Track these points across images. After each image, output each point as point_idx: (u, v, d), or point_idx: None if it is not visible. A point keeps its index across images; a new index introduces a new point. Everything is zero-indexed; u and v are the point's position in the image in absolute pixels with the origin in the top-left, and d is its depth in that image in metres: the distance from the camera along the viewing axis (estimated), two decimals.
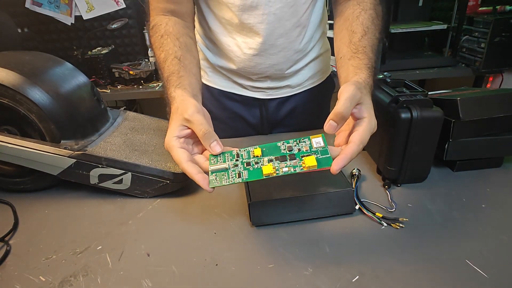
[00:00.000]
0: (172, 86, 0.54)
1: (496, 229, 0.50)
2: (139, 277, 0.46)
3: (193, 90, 0.55)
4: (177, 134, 0.48)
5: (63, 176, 0.62)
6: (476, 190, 0.59)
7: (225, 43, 0.74)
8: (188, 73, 0.57)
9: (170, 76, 0.55)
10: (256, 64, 0.74)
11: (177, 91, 0.53)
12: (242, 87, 0.82)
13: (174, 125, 0.48)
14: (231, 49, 0.74)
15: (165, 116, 0.84)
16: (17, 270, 0.49)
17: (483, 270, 0.43)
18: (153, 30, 0.65)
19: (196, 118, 0.47)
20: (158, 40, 0.62)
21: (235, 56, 0.74)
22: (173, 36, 0.61)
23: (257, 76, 0.78)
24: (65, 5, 1.72)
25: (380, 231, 0.51)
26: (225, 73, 0.81)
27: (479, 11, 1.59)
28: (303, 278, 0.44)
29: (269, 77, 0.79)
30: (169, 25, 0.63)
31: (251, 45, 0.72)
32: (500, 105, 0.59)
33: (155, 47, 0.63)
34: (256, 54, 0.72)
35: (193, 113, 0.47)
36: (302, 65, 0.80)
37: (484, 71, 1.55)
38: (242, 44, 0.72)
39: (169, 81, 0.55)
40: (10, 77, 0.58)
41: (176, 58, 0.58)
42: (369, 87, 0.50)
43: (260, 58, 0.73)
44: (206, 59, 0.82)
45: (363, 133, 0.44)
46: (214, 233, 0.53)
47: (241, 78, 0.80)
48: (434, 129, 0.56)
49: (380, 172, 0.64)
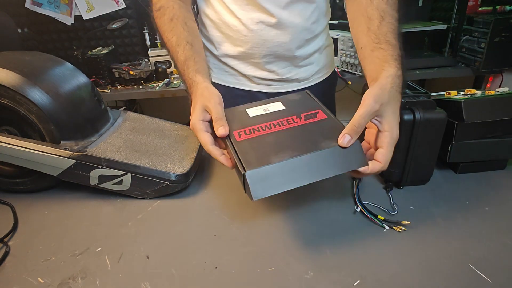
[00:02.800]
0: (192, 71, 0.59)
1: (500, 232, 0.50)
2: (138, 279, 0.46)
3: (208, 76, 0.61)
4: (202, 118, 0.53)
5: (63, 177, 0.61)
6: (480, 193, 0.58)
7: (232, 24, 0.74)
8: (201, 58, 0.62)
9: (187, 60, 0.61)
10: (264, 41, 0.74)
11: (197, 77, 0.58)
12: (249, 80, 0.82)
13: (199, 109, 0.54)
14: (237, 29, 0.74)
15: (165, 116, 0.84)
16: (16, 272, 0.48)
17: (486, 275, 0.43)
18: (160, 12, 0.66)
19: (216, 110, 0.53)
20: (168, 23, 0.65)
21: (242, 36, 0.74)
22: (182, 20, 0.65)
23: (265, 59, 0.77)
24: (65, 5, 1.72)
25: (382, 234, 0.51)
26: (231, 64, 0.81)
27: (479, 11, 1.59)
28: (303, 282, 0.44)
29: (277, 61, 0.78)
30: (176, 8, 0.66)
31: (257, 20, 0.72)
32: (504, 108, 0.58)
33: (165, 29, 0.65)
34: (263, 29, 0.73)
35: (215, 105, 0.53)
36: (312, 51, 0.80)
37: (484, 71, 1.55)
38: (248, 21, 0.72)
39: (187, 65, 0.60)
40: (10, 78, 0.58)
41: (188, 44, 0.62)
42: (398, 81, 0.49)
43: (268, 34, 0.73)
44: (211, 54, 0.82)
45: (387, 153, 0.46)
46: (214, 235, 0.53)
47: (249, 66, 0.80)
48: (437, 131, 0.55)
49: (382, 174, 0.63)
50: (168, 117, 0.83)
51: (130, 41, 1.82)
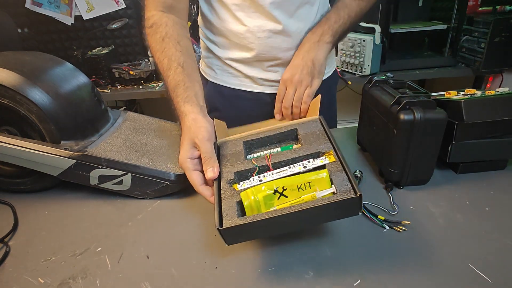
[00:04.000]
0: (181, 100, 0.57)
1: (500, 232, 0.50)
2: (139, 279, 0.46)
3: (199, 101, 0.59)
4: (190, 155, 0.52)
5: (63, 177, 0.61)
6: (480, 193, 0.58)
7: (238, 32, 0.73)
8: (192, 82, 0.60)
9: (177, 87, 0.59)
10: (270, 48, 0.74)
11: (186, 107, 0.57)
12: (253, 81, 0.82)
13: (187, 146, 0.53)
14: (243, 36, 0.73)
15: (165, 116, 0.84)
16: (16, 272, 0.48)
17: (487, 274, 0.43)
18: (152, 29, 0.65)
19: (205, 147, 0.52)
20: (160, 43, 0.63)
21: (249, 43, 0.74)
22: (174, 39, 0.63)
23: (270, 64, 0.78)
24: (65, 5, 1.72)
25: (382, 234, 0.51)
26: (236, 66, 0.80)
27: (479, 11, 1.59)
28: (303, 282, 0.44)
29: (282, 64, 0.78)
30: (169, 26, 0.64)
31: (264, 28, 0.72)
32: (504, 108, 0.58)
33: (156, 50, 0.63)
34: (270, 37, 0.73)
35: (204, 141, 0.52)
36: None
37: (484, 71, 1.55)
38: (255, 28, 0.72)
39: (176, 93, 0.58)
40: (10, 78, 0.58)
41: (180, 66, 0.60)
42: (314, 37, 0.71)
43: (274, 41, 0.73)
44: (215, 56, 0.81)
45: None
46: (214, 235, 0.53)
47: (253, 69, 0.79)
48: (437, 131, 0.55)
49: (382, 174, 0.63)
50: (168, 117, 0.83)
51: (130, 41, 1.82)
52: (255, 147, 0.57)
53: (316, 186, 0.44)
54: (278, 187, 0.44)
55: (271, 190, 0.44)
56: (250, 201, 0.44)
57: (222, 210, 0.44)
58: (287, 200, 0.43)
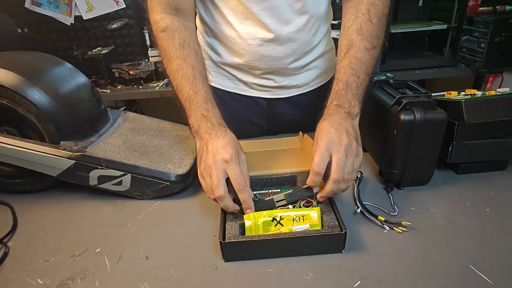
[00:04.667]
0: (218, 115, 0.61)
1: (500, 233, 0.49)
2: (138, 280, 0.46)
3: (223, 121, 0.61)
4: (224, 187, 0.52)
5: (62, 177, 0.61)
6: (480, 194, 0.58)
7: (230, 36, 0.73)
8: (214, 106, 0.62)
9: (208, 100, 0.61)
10: (262, 56, 0.73)
11: (221, 121, 0.60)
12: (248, 86, 0.81)
13: (221, 174, 0.52)
14: (235, 42, 0.73)
15: (165, 116, 0.84)
16: (15, 273, 0.48)
17: (487, 276, 0.43)
18: (167, 34, 0.63)
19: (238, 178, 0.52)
20: (179, 49, 0.63)
21: (240, 49, 0.73)
22: (193, 48, 0.64)
23: (261, 72, 0.77)
24: (65, 5, 1.72)
25: (382, 235, 0.50)
26: (229, 70, 0.80)
27: (479, 11, 1.59)
28: (303, 283, 0.44)
29: (274, 72, 0.77)
30: (183, 31, 0.64)
31: (255, 35, 0.71)
32: (505, 108, 0.58)
33: (177, 55, 0.62)
34: (261, 45, 0.71)
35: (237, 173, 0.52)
36: (309, 61, 0.78)
37: (484, 71, 1.55)
38: (246, 35, 0.71)
39: (208, 105, 0.61)
40: (9, 78, 0.58)
41: (206, 80, 0.63)
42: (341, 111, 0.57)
43: (265, 50, 0.72)
44: (209, 58, 0.81)
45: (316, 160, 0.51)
46: (213, 236, 0.53)
47: (246, 75, 0.79)
48: (438, 131, 0.55)
49: (383, 175, 0.63)
50: (168, 117, 0.83)
51: (130, 41, 1.82)
52: (258, 185, 0.61)
53: (308, 221, 0.49)
54: (277, 216, 0.50)
55: (271, 217, 0.50)
56: (252, 223, 0.49)
57: (226, 228, 0.50)
58: (281, 228, 0.49)
